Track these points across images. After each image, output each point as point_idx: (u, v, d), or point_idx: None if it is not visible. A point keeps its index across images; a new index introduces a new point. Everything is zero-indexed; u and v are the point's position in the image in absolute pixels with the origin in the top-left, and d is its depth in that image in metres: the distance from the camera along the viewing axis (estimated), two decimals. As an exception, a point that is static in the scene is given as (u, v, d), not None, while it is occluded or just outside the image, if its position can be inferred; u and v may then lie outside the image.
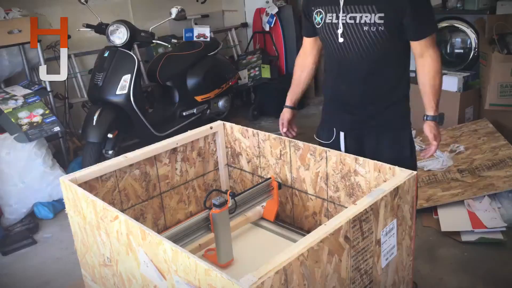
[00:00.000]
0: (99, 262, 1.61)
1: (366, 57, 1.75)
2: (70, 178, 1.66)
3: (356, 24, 1.72)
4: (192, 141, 2.09)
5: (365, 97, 1.84)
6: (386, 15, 1.68)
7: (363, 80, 1.82)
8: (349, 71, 1.83)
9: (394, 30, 1.70)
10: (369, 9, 1.70)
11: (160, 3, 4.67)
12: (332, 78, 1.95)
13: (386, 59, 1.76)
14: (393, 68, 1.80)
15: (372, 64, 1.77)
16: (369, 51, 1.74)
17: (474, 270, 2.38)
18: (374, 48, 1.73)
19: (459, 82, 3.85)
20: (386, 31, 1.69)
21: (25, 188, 3.11)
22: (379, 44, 1.72)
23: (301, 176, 1.95)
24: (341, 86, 1.89)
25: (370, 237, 1.39)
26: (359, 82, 1.83)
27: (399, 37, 1.73)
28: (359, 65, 1.78)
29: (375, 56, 1.75)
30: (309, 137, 2.16)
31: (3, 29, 3.24)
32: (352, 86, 1.86)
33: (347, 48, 1.77)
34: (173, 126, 3.80)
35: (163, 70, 3.85)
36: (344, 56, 1.80)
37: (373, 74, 1.80)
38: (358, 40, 1.74)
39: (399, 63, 1.80)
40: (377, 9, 1.69)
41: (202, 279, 1.13)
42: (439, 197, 2.88)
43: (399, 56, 1.79)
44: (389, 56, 1.76)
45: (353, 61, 1.78)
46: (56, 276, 2.55)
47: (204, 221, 1.69)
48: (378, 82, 1.81)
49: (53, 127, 3.17)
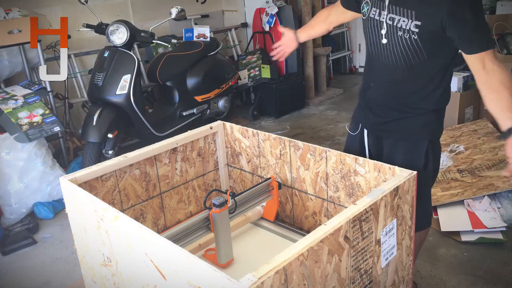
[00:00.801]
0: (99, 262, 1.61)
1: (398, 64, 1.69)
2: (70, 178, 1.66)
3: (393, 26, 1.65)
4: (192, 141, 2.10)
5: (389, 102, 1.79)
6: (422, 25, 1.57)
7: (391, 85, 1.77)
8: (381, 73, 1.79)
9: (429, 42, 1.61)
10: (409, 14, 1.60)
11: (160, 3, 4.67)
12: (367, 74, 1.91)
13: (415, 70, 1.68)
14: (422, 80, 1.71)
15: (401, 72, 1.70)
16: (401, 59, 1.68)
17: (474, 270, 2.38)
18: (405, 56, 1.66)
19: (459, 82, 3.86)
20: (420, 41, 1.60)
21: (25, 188, 3.11)
22: (410, 53, 1.64)
23: (301, 176, 1.95)
24: (371, 85, 1.86)
25: (370, 237, 1.39)
26: (387, 86, 1.79)
27: (435, 50, 1.63)
28: (391, 70, 1.72)
29: (405, 65, 1.67)
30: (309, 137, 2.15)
31: (3, 29, 3.24)
32: (380, 87, 1.82)
33: (389, 50, 1.70)
34: (173, 126, 3.80)
35: (163, 70, 3.86)
36: (383, 56, 1.73)
37: (401, 82, 1.74)
38: (395, 45, 1.67)
39: (430, 77, 1.69)
40: (415, 16, 1.58)
41: (202, 279, 1.14)
42: (439, 197, 2.88)
43: (433, 69, 1.68)
44: (420, 68, 1.67)
45: (387, 63, 1.72)
46: (56, 276, 2.55)
47: (204, 221, 1.70)
48: (404, 92, 1.75)
49: (53, 127, 3.17)
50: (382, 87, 1.80)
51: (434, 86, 1.70)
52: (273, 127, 4.78)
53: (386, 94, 1.79)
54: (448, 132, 3.72)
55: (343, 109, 5.15)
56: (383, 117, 1.81)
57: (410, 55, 1.64)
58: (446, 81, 1.72)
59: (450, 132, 3.73)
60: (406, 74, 1.70)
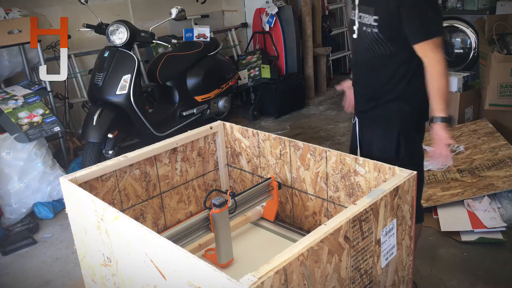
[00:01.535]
0: (99, 262, 1.61)
1: (368, 55, 1.86)
2: (70, 178, 1.66)
3: (361, 23, 1.85)
4: (192, 141, 2.09)
5: (366, 91, 1.96)
6: (380, 18, 1.76)
7: (366, 75, 1.94)
8: (359, 65, 2.00)
9: (388, 34, 1.77)
10: (369, 10, 1.79)
11: (160, 3, 4.67)
12: (352, 67, 2.17)
13: (382, 60, 1.83)
14: (389, 70, 1.85)
15: (371, 62, 1.87)
16: (369, 51, 1.84)
17: (474, 270, 2.38)
18: (372, 48, 1.83)
19: (459, 82, 3.85)
20: (380, 34, 1.77)
21: (25, 188, 3.11)
22: (375, 45, 1.81)
23: (301, 176, 1.95)
24: (355, 77, 2.07)
25: (370, 237, 1.39)
26: (364, 76, 1.97)
27: (395, 41, 1.78)
28: (364, 61, 1.91)
29: (372, 56, 1.84)
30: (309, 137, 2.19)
31: (3, 29, 3.24)
32: (360, 78, 2.02)
33: (358, 44, 1.90)
34: (173, 126, 3.79)
35: (163, 70, 3.85)
36: (357, 50, 1.95)
37: (373, 72, 1.90)
38: (364, 38, 1.85)
39: (396, 66, 1.83)
40: (374, 12, 1.77)
41: (202, 279, 1.14)
42: (439, 197, 2.88)
43: (397, 59, 1.82)
44: (385, 58, 1.82)
45: (361, 56, 1.92)
46: (56, 276, 2.56)
47: (204, 221, 1.70)
48: (376, 80, 1.90)
49: (53, 127, 3.17)
50: (361, 79, 2.01)
51: (400, 76, 1.84)
52: (273, 127, 4.78)
53: (363, 84, 1.98)
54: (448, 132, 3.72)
55: (343, 109, 5.14)
56: (364, 106, 1.99)
57: (375, 47, 1.82)
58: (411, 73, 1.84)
59: (450, 132, 3.73)
60: (376, 65, 1.87)
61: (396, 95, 1.87)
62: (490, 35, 4.01)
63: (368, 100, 1.95)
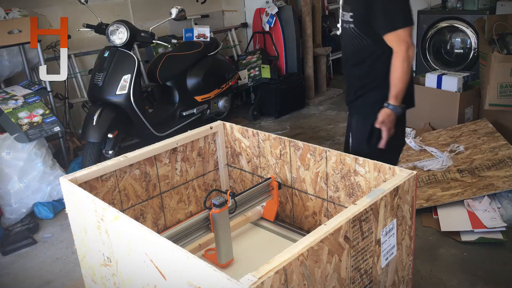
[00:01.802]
0: (99, 262, 1.61)
1: (350, 50, 2.05)
2: (70, 178, 1.66)
3: (343, 20, 2.04)
4: (192, 141, 2.10)
5: (350, 83, 2.15)
6: (354, 14, 1.95)
7: (351, 68, 2.12)
8: (345, 59, 2.19)
9: (363, 28, 1.94)
10: (347, 8, 1.99)
11: (160, 3, 4.67)
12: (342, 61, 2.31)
13: (362, 53, 2.00)
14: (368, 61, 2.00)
15: (353, 56, 2.05)
16: (350, 45, 2.03)
17: (474, 270, 2.38)
18: (352, 42, 2.01)
19: (458, 82, 3.85)
20: (356, 28, 1.96)
21: (25, 188, 3.11)
22: (354, 39, 1.99)
23: (301, 176, 1.95)
24: (344, 71, 2.24)
25: (370, 237, 1.39)
26: (349, 69, 2.14)
27: (369, 34, 1.94)
28: (348, 55, 2.11)
29: (353, 50, 2.02)
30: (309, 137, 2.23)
31: (3, 29, 3.24)
32: (347, 72, 2.19)
33: (342, 40, 2.13)
34: (173, 126, 3.79)
35: (163, 70, 3.85)
36: (342, 46, 2.17)
37: (355, 65, 2.07)
38: (346, 34, 2.04)
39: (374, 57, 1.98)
40: (350, 9, 1.97)
41: (202, 279, 1.14)
42: (439, 197, 2.88)
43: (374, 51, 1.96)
44: (363, 51, 1.99)
45: (345, 50, 2.14)
46: (56, 276, 2.55)
47: (204, 221, 1.70)
48: (358, 72, 2.07)
49: (53, 127, 3.17)
50: (347, 72, 2.17)
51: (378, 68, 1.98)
52: (273, 127, 4.78)
53: (349, 77, 2.16)
54: (448, 132, 3.72)
55: (343, 109, 5.15)
56: (349, 97, 2.16)
57: (354, 41, 2.00)
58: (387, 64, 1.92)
59: (450, 132, 3.73)
60: (356, 58, 2.04)
61: (375, 86, 2.01)
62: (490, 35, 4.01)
63: (354, 91, 2.11)
